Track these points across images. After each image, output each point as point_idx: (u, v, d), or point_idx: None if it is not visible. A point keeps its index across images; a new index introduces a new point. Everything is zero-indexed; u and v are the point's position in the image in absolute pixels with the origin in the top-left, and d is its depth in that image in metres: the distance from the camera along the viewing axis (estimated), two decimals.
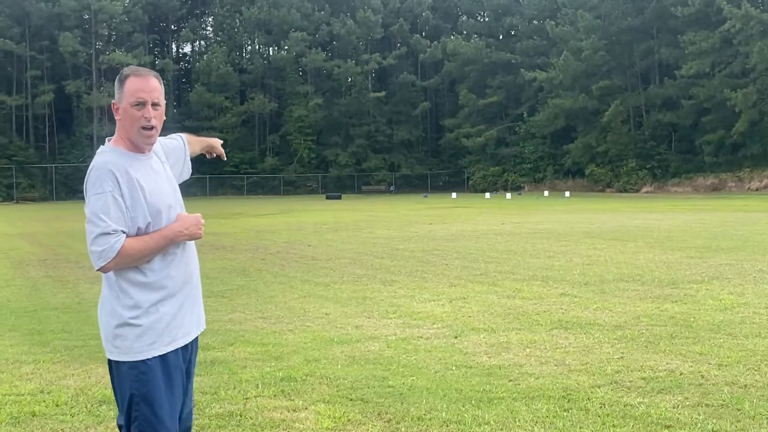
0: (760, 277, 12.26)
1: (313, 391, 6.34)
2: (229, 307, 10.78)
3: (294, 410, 5.86)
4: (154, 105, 3.53)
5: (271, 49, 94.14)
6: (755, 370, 6.62)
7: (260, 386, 6.51)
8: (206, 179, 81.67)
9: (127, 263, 3.37)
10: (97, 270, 3.36)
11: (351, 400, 6.08)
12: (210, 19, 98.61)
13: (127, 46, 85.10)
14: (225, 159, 4.53)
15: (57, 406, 6.10)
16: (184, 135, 4.11)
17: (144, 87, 3.51)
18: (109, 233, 3.29)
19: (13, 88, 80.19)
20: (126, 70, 3.58)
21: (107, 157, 3.45)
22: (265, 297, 11.66)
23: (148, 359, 3.43)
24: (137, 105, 3.49)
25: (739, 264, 14.06)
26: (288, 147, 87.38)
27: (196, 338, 3.76)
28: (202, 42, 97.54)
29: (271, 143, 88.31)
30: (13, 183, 74.48)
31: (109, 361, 3.54)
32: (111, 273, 3.43)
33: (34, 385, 6.72)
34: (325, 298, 11.43)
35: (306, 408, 5.90)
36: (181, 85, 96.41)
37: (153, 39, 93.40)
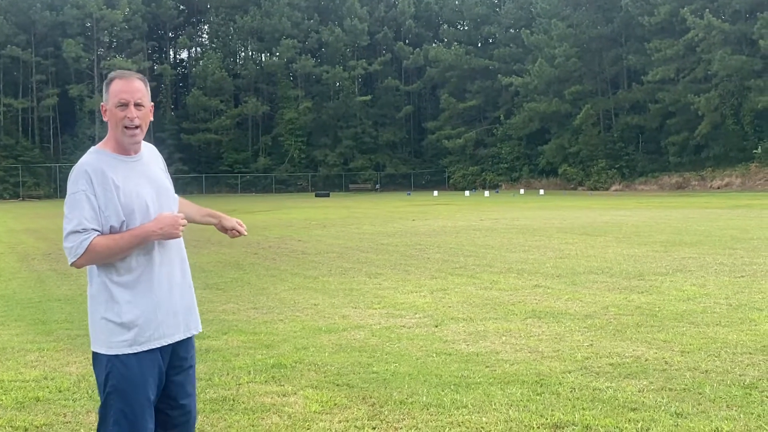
0: (720, 270, 12.32)
1: (301, 377, 6.34)
2: (223, 298, 10.76)
3: (284, 395, 5.85)
4: (137, 105, 3.43)
5: (263, 55, 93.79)
6: (715, 357, 6.65)
7: (252, 373, 6.50)
8: (202, 178, 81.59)
9: (98, 260, 3.31)
10: (70, 265, 3.31)
11: (337, 385, 6.08)
12: (206, 27, 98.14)
13: (127, 53, 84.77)
14: (246, 234, 4.05)
15: (60, 391, 6.09)
16: (178, 198, 3.81)
17: (126, 88, 3.43)
18: (79, 231, 3.25)
19: (20, 92, 79.80)
20: (112, 74, 3.52)
21: (87, 158, 3.41)
22: (258, 289, 11.64)
23: (121, 355, 3.35)
24: (120, 106, 3.41)
25: (701, 257, 14.12)
26: (279, 148, 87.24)
27: (190, 339, 3.64)
28: (198, 48, 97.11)
29: (264, 144, 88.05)
30: (19, 181, 74.15)
31: (92, 352, 3.49)
32: (94, 269, 3.38)
33: (39, 372, 6.70)
34: (313, 289, 11.42)
35: (295, 393, 5.90)
36: (178, 89, 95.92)
37: (152, 45, 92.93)
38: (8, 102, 77.50)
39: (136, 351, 3.38)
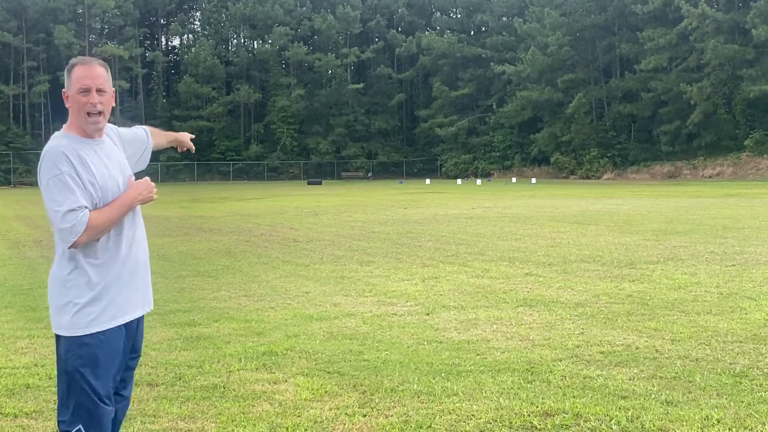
0: (711, 258, 12.34)
1: (292, 365, 6.32)
2: (214, 285, 10.74)
3: (275, 383, 5.84)
4: (99, 91, 3.45)
5: (255, 42, 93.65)
6: (706, 345, 6.66)
7: (243, 360, 6.49)
8: (194, 165, 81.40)
9: (95, 235, 3.33)
10: (69, 247, 3.30)
11: (328, 373, 6.07)
12: (198, 14, 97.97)
13: (118, 39, 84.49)
14: (194, 152, 4.48)
15: (50, 378, 6.05)
16: (148, 128, 4.03)
17: (88, 74, 3.45)
18: (75, 209, 3.24)
19: (11, 79, 79.54)
20: (73, 60, 3.53)
21: (59, 141, 3.40)
22: (249, 276, 11.61)
23: (87, 335, 3.38)
24: (82, 92, 3.43)
25: (693, 246, 14.14)
26: (271, 135, 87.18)
27: (142, 318, 3.71)
28: (191, 35, 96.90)
29: (256, 132, 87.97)
30: (10, 168, 74.00)
31: (55, 335, 3.48)
32: (65, 252, 3.38)
33: (29, 359, 6.68)
34: (305, 277, 11.40)
35: (286, 380, 5.89)
36: (170, 77, 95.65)
37: (143, 32, 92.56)
38: None
39: (104, 328, 3.42)
